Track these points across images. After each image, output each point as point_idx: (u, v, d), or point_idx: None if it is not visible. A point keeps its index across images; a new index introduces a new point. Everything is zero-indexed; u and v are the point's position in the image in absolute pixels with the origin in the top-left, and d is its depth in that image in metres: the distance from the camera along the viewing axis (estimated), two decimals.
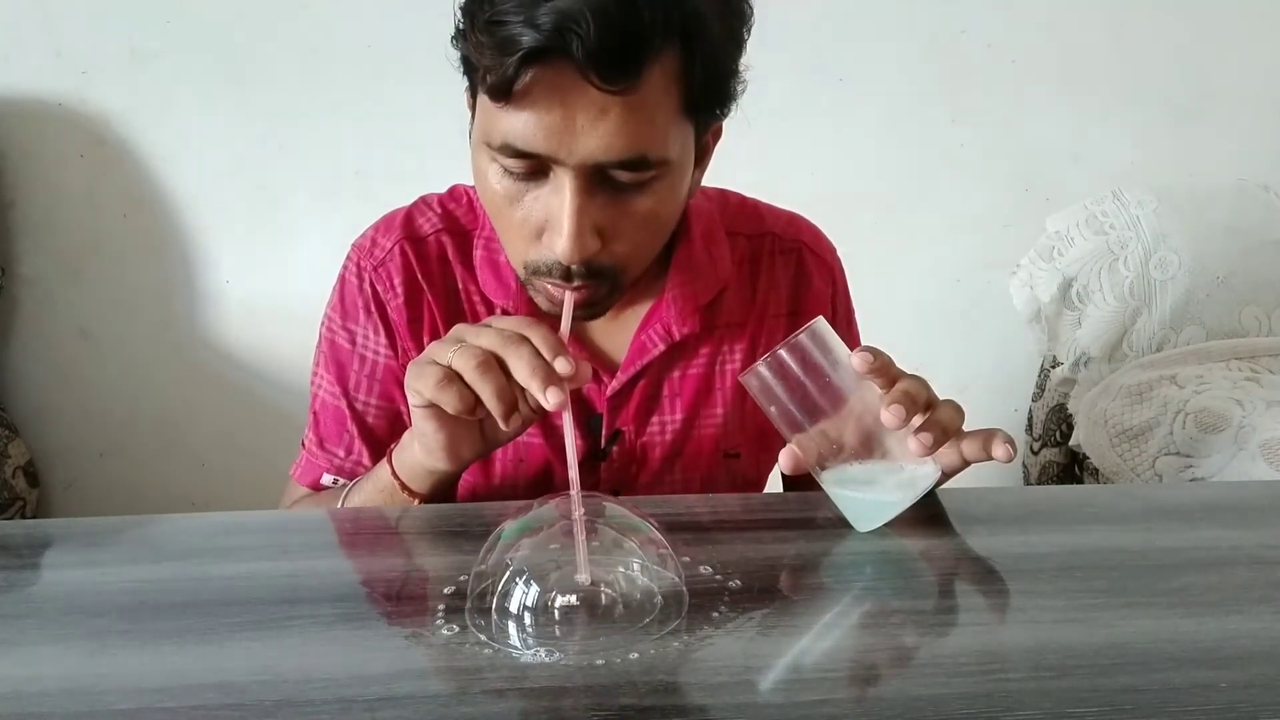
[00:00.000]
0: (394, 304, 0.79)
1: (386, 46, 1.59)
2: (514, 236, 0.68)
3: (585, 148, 0.61)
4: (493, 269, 0.78)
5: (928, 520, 0.64)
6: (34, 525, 0.71)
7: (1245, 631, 0.49)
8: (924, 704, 0.42)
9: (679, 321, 0.79)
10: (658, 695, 0.43)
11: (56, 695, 0.44)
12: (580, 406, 0.79)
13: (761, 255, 0.84)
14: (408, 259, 0.79)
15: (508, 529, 0.53)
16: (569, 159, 0.61)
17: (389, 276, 0.79)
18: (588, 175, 0.63)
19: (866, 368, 0.59)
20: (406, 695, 0.43)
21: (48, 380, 1.69)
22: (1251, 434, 1.20)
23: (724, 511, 0.69)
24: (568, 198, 0.63)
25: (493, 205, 0.68)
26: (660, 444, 0.81)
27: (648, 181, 0.65)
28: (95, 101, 1.59)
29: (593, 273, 0.66)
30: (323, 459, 0.82)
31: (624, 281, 0.70)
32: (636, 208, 0.66)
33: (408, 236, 0.80)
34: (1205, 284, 1.48)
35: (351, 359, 0.81)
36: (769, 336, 0.83)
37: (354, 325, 0.81)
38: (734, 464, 0.84)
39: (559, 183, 0.63)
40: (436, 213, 0.81)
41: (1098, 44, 1.69)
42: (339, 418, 0.81)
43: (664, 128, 0.63)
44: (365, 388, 0.81)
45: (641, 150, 0.62)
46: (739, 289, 0.83)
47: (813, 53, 1.65)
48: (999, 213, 1.74)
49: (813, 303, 0.85)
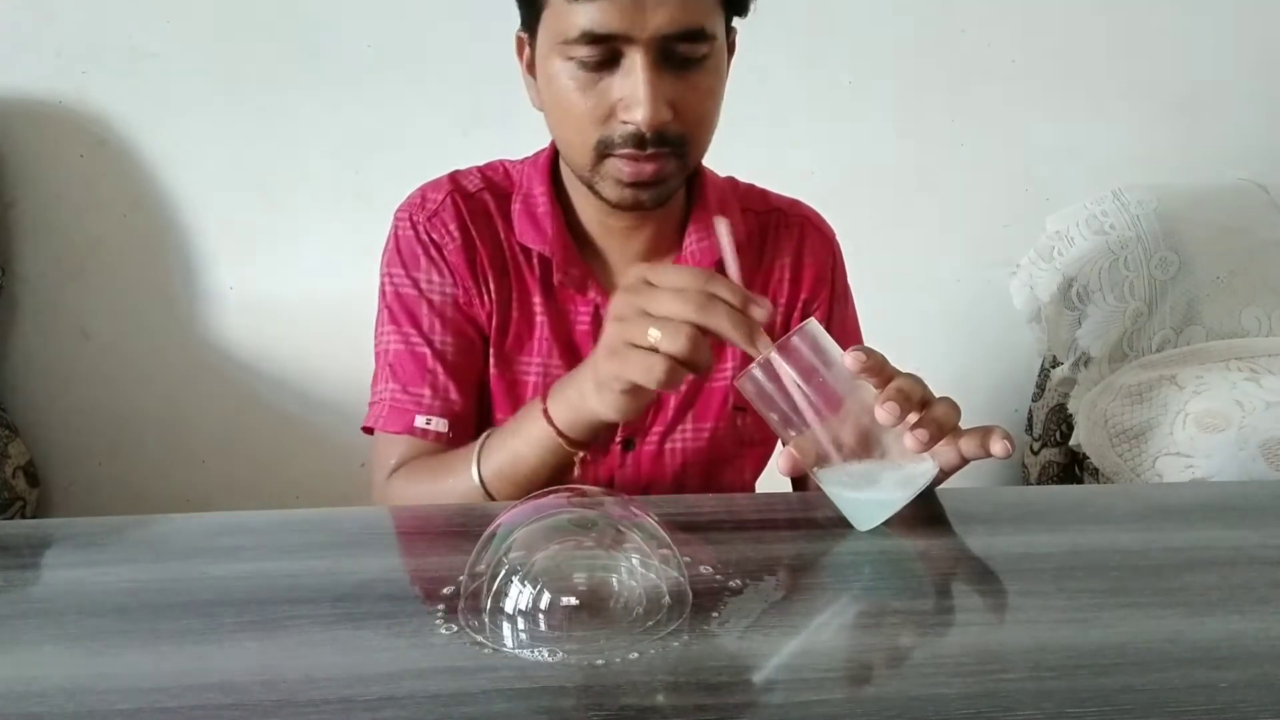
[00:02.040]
0: (451, 246, 0.85)
1: (386, 46, 1.59)
2: (585, 124, 0.75)
3: (655, 22, 0.70)
4: (530, 219, 0.85)
5: (928, 520, 0.64)
6: (34, 525, 0.71)
7: (1245, 631, 0.49)
8: (924, 704, 0.42)
9: None
10: (658, 695, 0.43)
11: (56, 695, 0.44)
12: None
13: (768, 228, 0.92)
14: (459, 208, 0.85)
15: (504, 528, 0.53)
16: (641, 34, 0.70)
17: (444, 224, 0.85)
18: (656, 51, 0.71)
19: (859, 367, 0.59)
20: (406, 695, 0.43)
21: (48, 380, 1.69)
22: (1251, 434, 1.20)
23: (724, 511, 0.69)
24: (641, 72, 0.71)
25: (565, 101, 0.75)
26: (675, 394, 0.86)
27: (702, 59, 0.74)
28: (95, 101, 1.59)
29: (664, 141, 0.74)
30: (409, 402, 0.84)
31: (689, 158, 0.78)
32: (697, 82, 0.75)
33: (456, 190, 0.86)
34: (1205, 284, 1.48)
35: (419, 304, 0.85)
36: (773, 299, 0.91)
37: (416, 273, 0.85)
38: (742, 418, 0.89)
39: (631, 63, 0.72)
40: (477, 176, 0.89)
41: (1097, 43, 1.69)
42: (418, 360, 0.84)
43: (710, 7, 0.74)
44: (439, 328, 0.85)
45: (699, 22, 0.72)
46: (748, 255, 0.89)
47: (812, 52, 1.65)
48: (999, 213, 1.73)
49: (813, 271, 0.92)
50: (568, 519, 0.53)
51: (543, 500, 0.54)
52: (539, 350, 0.85)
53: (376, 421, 0.85)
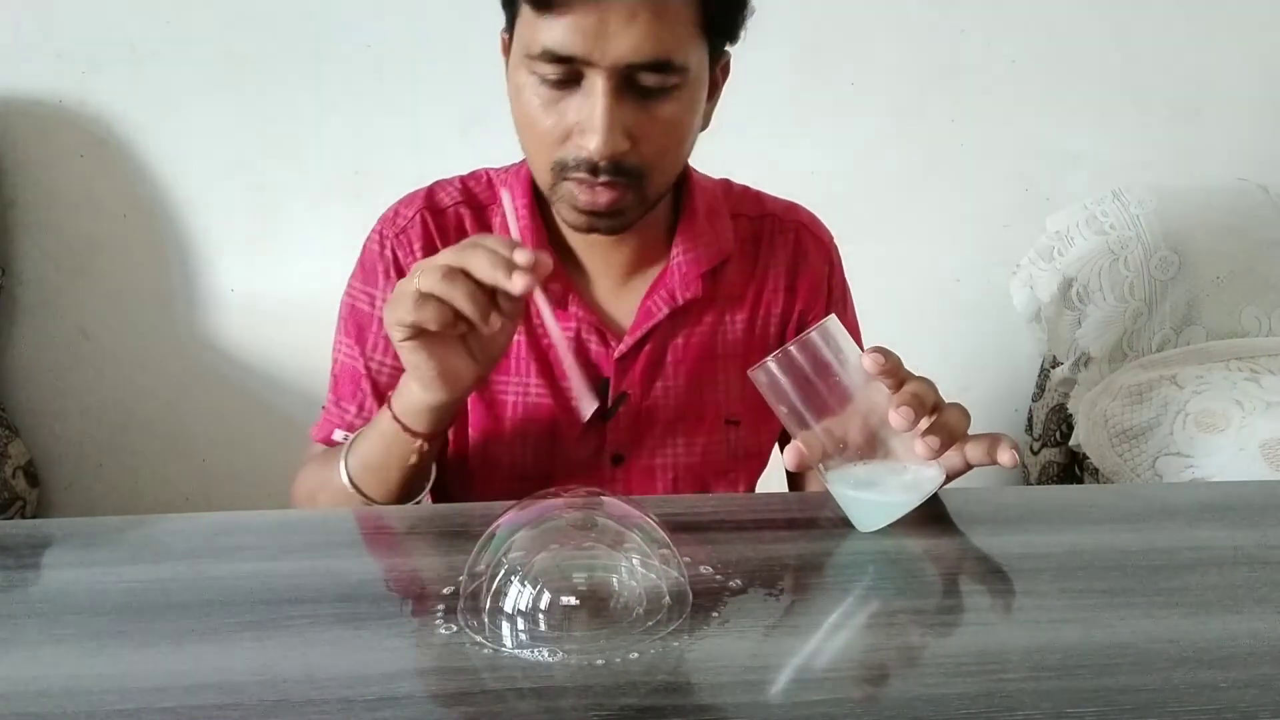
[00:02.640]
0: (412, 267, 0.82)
1: (386, 46, 1.59)
2: (545, 142, 0.73)
3: (617, 49, 0.67)
4: (509, 233, 0.81)
5: (928, 520, 0.64)
6: (34, 525, 0.71)
7: (1245, 631, 0.49)
8: (924, 704, 0.42)
9: (683, 287, 0.83)
10: (658, 695, 0.43)
11: (56, 695, 0.44)
12: (588, 369, 0.83)
13: (762, 234, 0.89)
14: (428, 227, 0.84)
15: (503, 528, 0.53)
16: (602, 60, 0.67)
17: (409, 242, 0.83)
18: (618, 77, 0.68)
19: (877, 369, 0.59)
20: (406, 695, 0.43)
21: (48, 380, 1.69)
22: (1251, 434, 1.20)
23: (725, 511, 0.69)
24: (600, 97, 0.68)
25: (527, 116, 0.73)
26: (664, 407, 0.85)
27: (670, 89, 0.71)
28: (95, 101, 1.59)
29: (620, 171, 0.71)
30: (336, 416, 0.85)
31: (648, 190, 0.75)
32: (660, 113, 0.71)
33: (429, 207, 0.84)
34: (1205, 284, 1.48)
35: (370, 321, 0.85)
36: (768, 310, 0.88)
37: (373, 289, 0.85)
38: (735, 433, 0.87)
39: (591, 86, 0.69)
40: (457, 188, 0.86)
41: (1097, 44, 1.69)
42: (354, 377, 0.85)
43: (685, 38, 0.70)
44: (381, 348, 0.84)
45: (667, 53, 0.68)
46: (741, 263, 0.88)
47: (813, 53, 1.65)
48: (999, 213, 1.73)
49: (810, 279, 0.90)
50: (568, 519, 0.53)
51: (543, 501, 0.54)
52: (516, 369, 0.83)
53: (313, 429, 0.88)
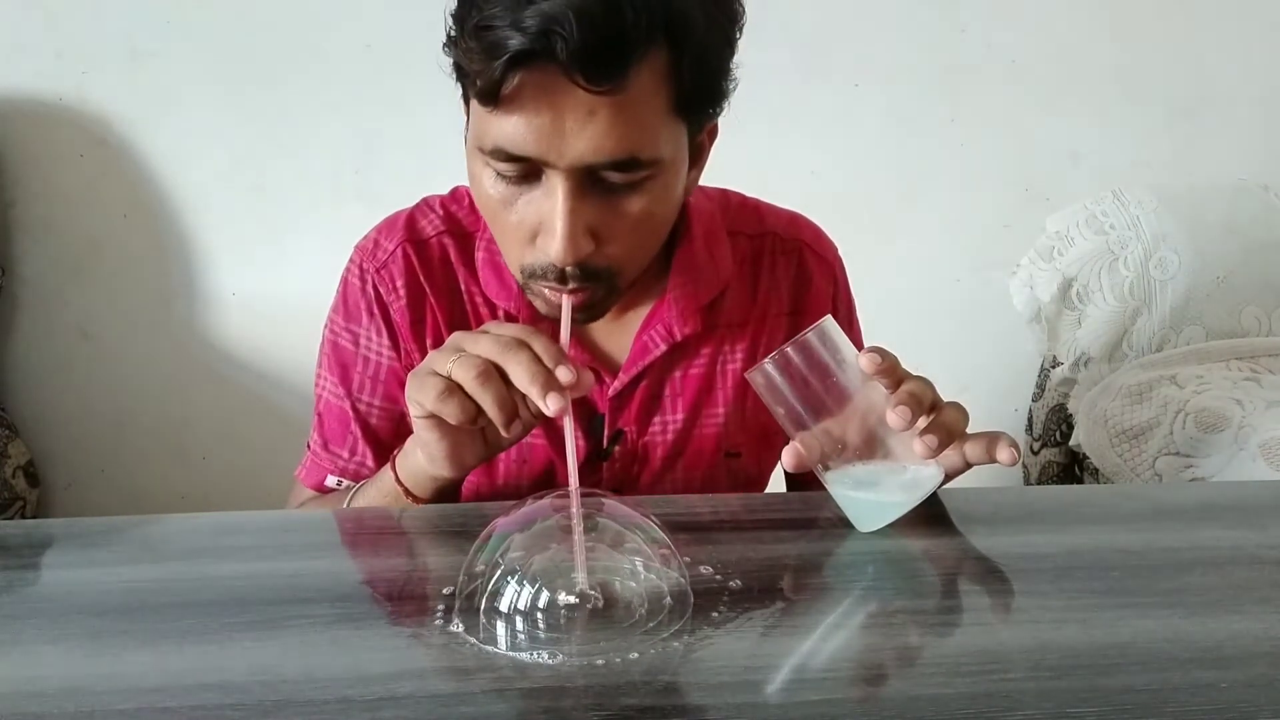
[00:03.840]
0: (396, 306, 0.79)
1: (386, 46, 1.59)
2: (510, 241, 0.68)
3: (575, 150, 0.61)
4: (495, 270, 0.78)
5: (928, 520, 0.64)
6: (34, 525, 0.71)
7: (1245, 631, 0.49)
8: (924, 704, 0.42)
9: (680, 322, 0.79)
10: (659, 695, 0.43)
11: (56, 695, 0.44)
12: (582, 407, 0.79)
13: (763, 255, 0.84)
14: (410, 261, 0.79)
15: (503, 528, 0.53)
16: (559, 161, 0.61)
17: (391, 279, 0.79)
18: (579, 177, 0.62)
19: (874, 368, 0.59)
20: (406, 695, 0.43)
21: (48, 380, 1.69)
22: (1251, 434, 1.20)
23: (725, 511, 0.69)
24: (559, 200, 0.62)
25: (488, 210, 0.68)
26: (662, 443, 0.81)
27: (640, 181, 0.64)
28: (95, 101, 1.59)
29: (588, 274, 0.66)
30: (327, 461, 0.82)
31: (621, 284, 0.70)
32: (629, 208, 0.65)
33: (410, 239, 0.79)
34: (1205, 284, 1.48)
35: (355, 360, 0.81)
36: (770, 336, 0.83)
37: (357, 327, 0.81)
38: (735, 463, 0.84)
39: (550, 185, 0.63)
40: (439, 214, 0.81)
41: (1097, 44, 1.69)
42: (343, 419, 0.81)
43: (654, 128, 0.63)
44: (369, 389, 0.81)
45: (631, 151, 0.62)
46: (740, 289, 0.83)
47: (813, 53, 1.65)
48: (999, 213, 1.74)
49: (814, 302, 0.85)
50: (567, 519, 0.52)
51: (542, 501, 0.54)
52: None
53: (300, 469, 0.85)
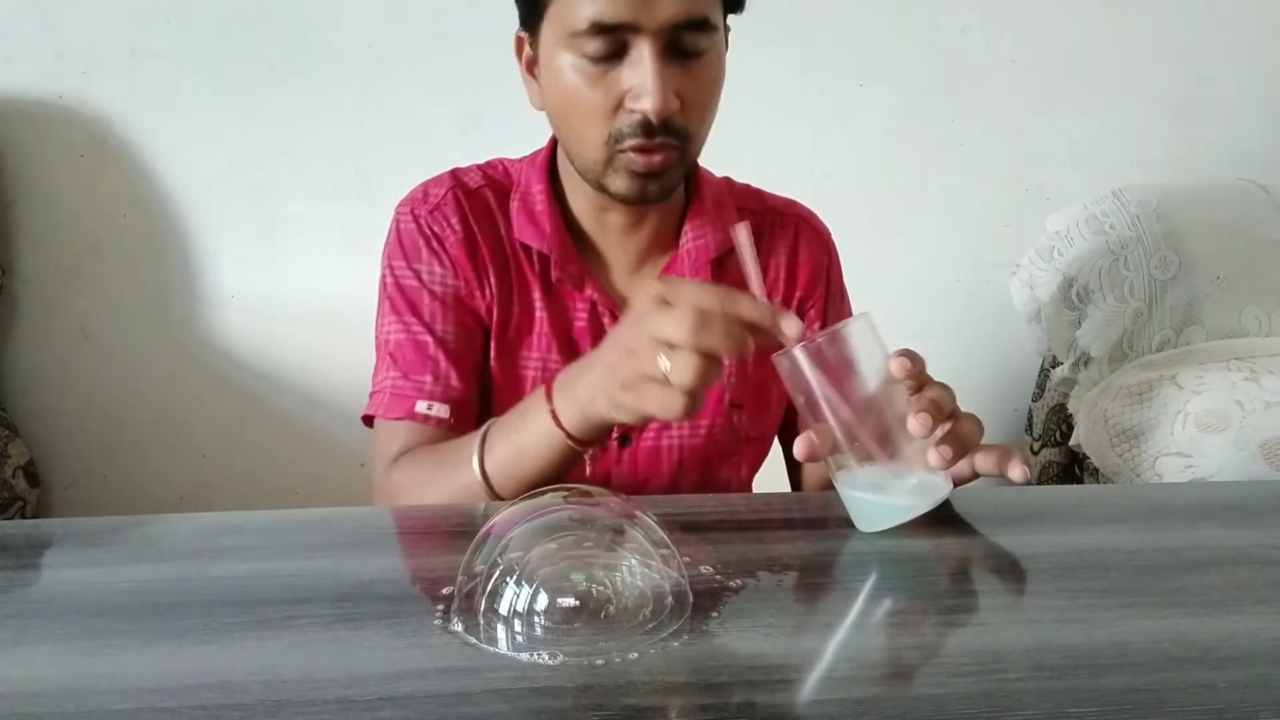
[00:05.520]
0: (452, 239, 0.86)
1: (386, 46, 1.59)
2: (594, 117, 0.75)
3: (663, 12, 0.71)
4: (529, 217, 0.86)
5: (928, 520, 0.64)
6: (34, 525, 0.71)
7: (1245, 631, 0.49)
8: (924, 704, 0.42)
9: (692, 272, 0.87)
10: (659, 695, 0.43)
11: (56, 695, 0.44)
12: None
13: (764, 227, 0.93)
14: (460, 203, 0.87)
15: (502, 527, 0.53)
16: (650, 24, 0.71)
17: (445, 218, 0.86)
18: (664, 41, 0.73)
19: (904, 373, 0.59)
20: (406, 695, 0.43)
21: (48, 380, 1.69)
22: (1251, 434, 1.20)
23: (725, 511, 0.69)
24: (650, 62, 0.72)
25: (573, 96, 0.75)
26: None
27: (705, 50, 0.75)
28: (95, 101, 1.59)
29: (670, 131, 0.75)
30: (410, 389, 0.84)
31: (689, 152, 0.78)
32: (701, 74, 0.76)
33: (457, 185, 0.88)
34: (1205, 284, 1.48)
35: (421, 295, 0.86)
36: (769, 298, 0.86)
37: (418, 264, 0.86)
38: (739, 415, 0.90)
39: (639, 53, 0.73)
40: (480, 173, 0.90)
41: (1097, 44, 1.69)
42: (420, 348, 0.85)
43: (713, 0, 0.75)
44: (441, 316, 0.85)
45: (705, 12, 0.73)
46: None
47: (813, 52, 1.65)
48: (999, 213, 1.73)
49: (808, 268, 0.93)
50: (567, 518, 0.53)
51: (541, 500, 0.54)
52: (539, 345, 0.87)
53: (377, 409, 0.84)
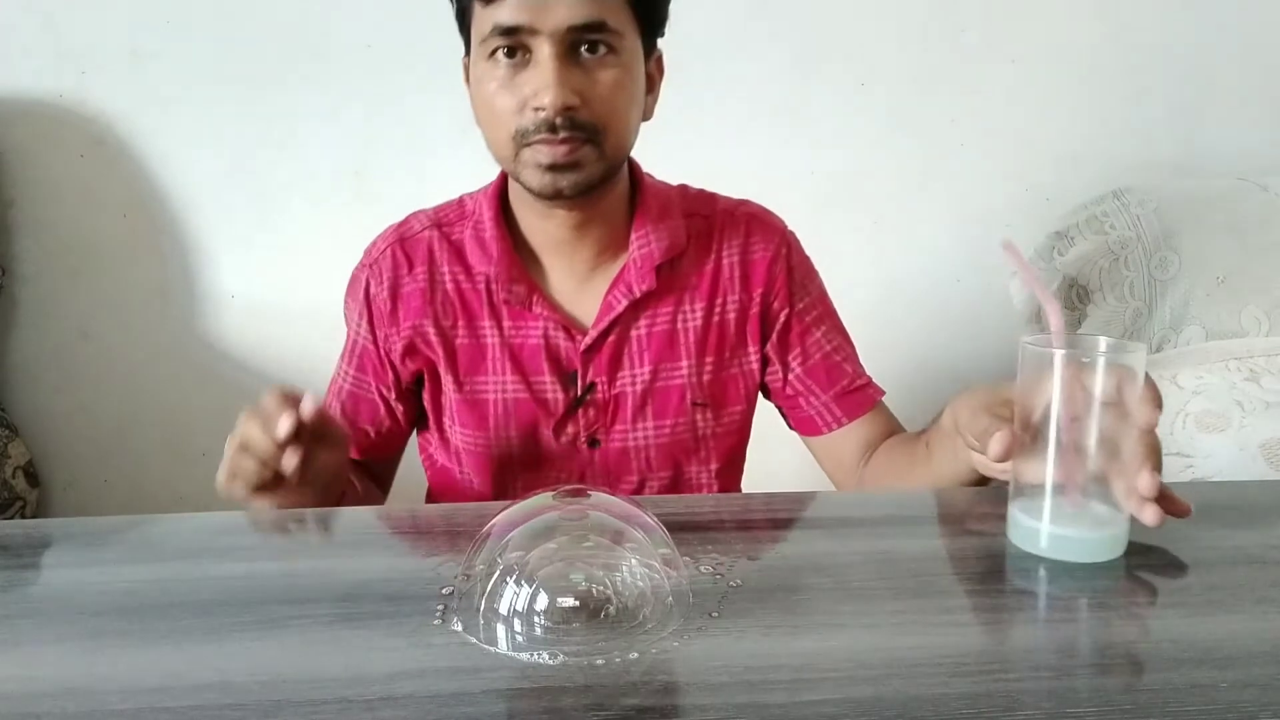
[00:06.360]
0: (379, 296, 0.94)
1: (386, 46, 1.59)
2: (504, 117, 0.81)
3: (557, 15, 0.78)
4: (478, 243, 0.92)
5: (928, 519, 0.64)
6: (34, 525, 0.71)
7: (1245, 631, 0.49)
8: (924, 704, 0.42)
9: (639, 279, 0.91)
10: (659, 695, 0.43)
11: (56, 695, 0.44)
12: (557, 363, 0.91)
13: (714, 228, 0.96)
14: (396, 257, 0.94)
15: (502, 527, 0.53)
16: (544, 25, 0.78)
17: (380, 272, 0.95)
18: (562, 43, 0.78)
19: (1147, 426, 0.57)
20: (406, 695, 0.43)
21: (48, 380, 1.69)
22: (1251, 434, 1.20)
23: (725, 511, 0.69)
24: (547, 59, 0.78)
25: (487, 102, 0.83)
26: (631, 393, 0.92)
27: (608, 55, 0.80)
28: (95, 101, 1.59)
29: (576, 125, 0.80)
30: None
31: (605, 147, 0.82)
32: (602, 77, 0.81)
33: (399, 239, 0.95)
34: (1205, 284, 1.48)
35: (347, 344, 0.99)
36: (724, 296, 0.94)
37: (351, 315, 0.98)
38: (702, 413, 0.94)
39: (539, 55, 0.79)
40: (428, 215, 0.97)
41: (1098, 44, 1.69)
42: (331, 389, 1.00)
43: (617, 8, 0.81)
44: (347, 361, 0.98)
45: (600, 16, 0.79)
46: (696, 255, 0.94)
47: (813, 53, 1.65)
48: (999, 213, 1.73)
49: (764, 264, 0.95)
50: (566, 518, 0.53)
51: (541, 500, 0.54)
52: (494, 369, 0.92)
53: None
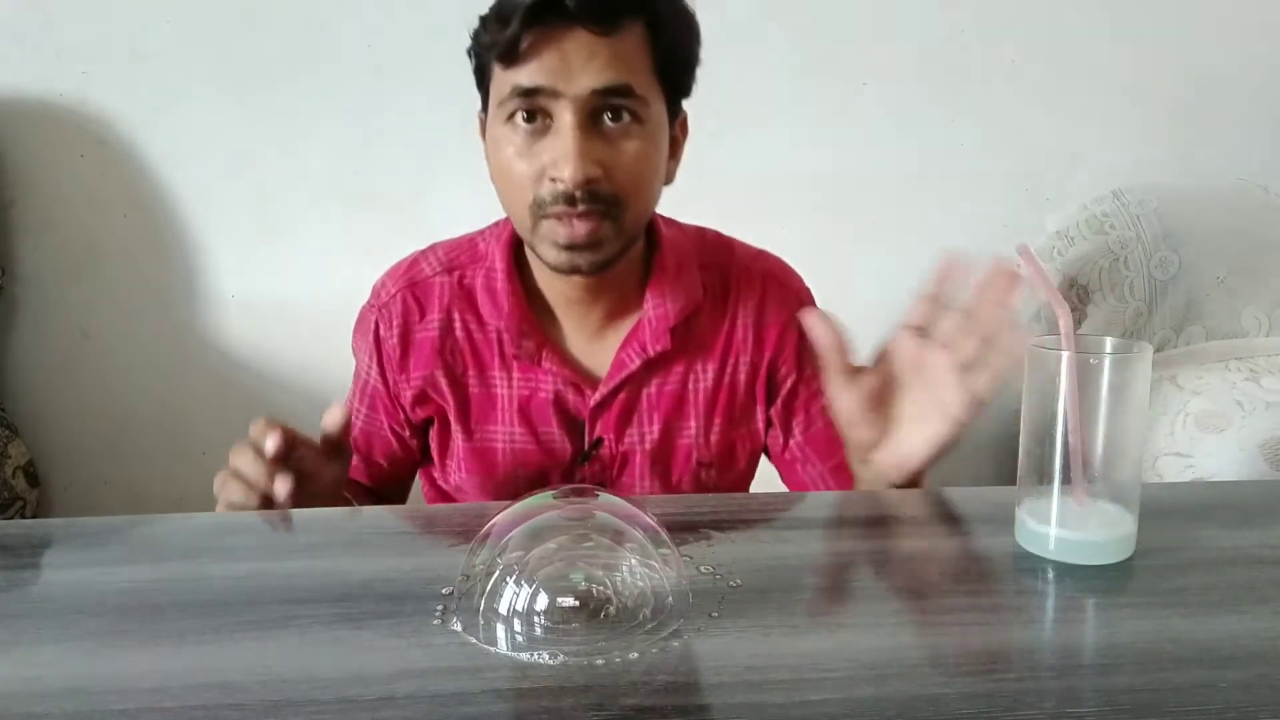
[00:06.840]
0: (389, 341, 0.91)
1: (386, 46, 1.59)
2: (522, 185, 0.77)
3: (580, 81, 0.73)
4: (489, 294, 0.89)
5: (927, 520, 0.64)
6: (34, 525, 0.71)
7: (1245, 631, 0.49)
8: (924, 704, 0.42)
9: (654, 340, 0.88)
10: (658, 695, 0.43)
11: (56, 695, 0.44)
12: (566, 415, 0.89)
13: (730, 284, 0.93)
14: (407, 303, 0.91)
15: (502, 527, 0.53)
16: (567, 90, 0.73)
17: (390, 317, 0.91)
18: (584, 111, 0.74)
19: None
20: (406, 695, 0.43)
21: (48, 380, 1.69)
22: (1251, 434, 1.20)
23: (725, 511, 0.69)
24: (568, 128, 0.74)
25: (504, 166, 0.78)
26: (640, 451, 0.90)
27: (631, 124, 0.76)
28: (95, 101, 1.59)
29: (594, 197, 0.75)
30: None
31: (625, 221, 0.78)
32: (626, 147, 0.77)
33: (409, 283, 0.92)
34: (1205, 284, 1.48)
35: (358, 380, 0.96)
36: (736, 357, 0.91)
37: (360, 354, 0.96)
38: (707, 472, 0.92)
39: (560, 123, 0.74)
40: (439, 259, 0.93)
41: (1098, 44, 1.69)
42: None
43: (640, 71, 0.76)
44: (358, 399, 0.96)
45: (625, 79, 0.74)
46: (711, 314, 0.91)
47: (812, 53, 1.65)
48: (999, 213, 1.73)
49: (776, 327, 0.92)
50: (567, 518, 0.53)
51: (541, 500, 0.54)
52: (502, 420, 0.90)
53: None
